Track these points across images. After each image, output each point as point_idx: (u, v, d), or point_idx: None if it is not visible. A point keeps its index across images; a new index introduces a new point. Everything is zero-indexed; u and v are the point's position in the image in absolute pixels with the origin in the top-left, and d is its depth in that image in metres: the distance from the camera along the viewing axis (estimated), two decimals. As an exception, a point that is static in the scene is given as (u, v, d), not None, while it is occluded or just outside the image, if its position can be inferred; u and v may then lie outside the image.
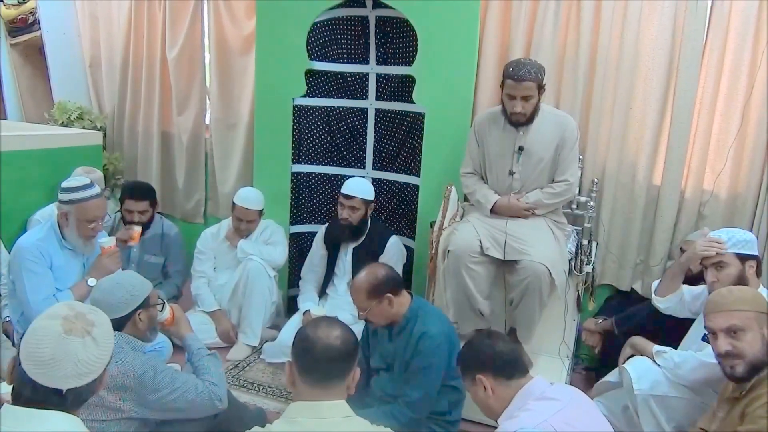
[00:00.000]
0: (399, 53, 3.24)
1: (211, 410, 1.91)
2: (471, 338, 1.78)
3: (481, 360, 1.64)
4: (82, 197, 2.43)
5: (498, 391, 1.60)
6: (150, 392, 1.74)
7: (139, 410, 1.74)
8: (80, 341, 1.24)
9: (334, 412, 1.36)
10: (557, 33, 2.92)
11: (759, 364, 1.63)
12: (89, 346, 1.25)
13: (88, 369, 1.24)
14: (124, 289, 1.88)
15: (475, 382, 1.63)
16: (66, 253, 2.50)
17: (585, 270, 2.69)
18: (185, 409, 1.83)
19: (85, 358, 1.23)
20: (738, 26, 2.66)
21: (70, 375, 1.21)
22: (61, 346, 1.21)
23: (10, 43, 4.21)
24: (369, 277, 2.09)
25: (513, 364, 1.62)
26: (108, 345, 1.31)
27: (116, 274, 2.29)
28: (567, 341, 2.65)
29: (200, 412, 1.89)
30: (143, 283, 1.96)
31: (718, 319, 1.69)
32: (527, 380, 1.61)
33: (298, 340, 1.42)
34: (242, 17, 3.61)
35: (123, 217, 3.10)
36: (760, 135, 2.69)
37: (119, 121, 4.19)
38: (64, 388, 1.21)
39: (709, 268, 2.15)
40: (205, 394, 1.86)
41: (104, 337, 1.30)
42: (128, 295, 1.87)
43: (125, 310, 1.86)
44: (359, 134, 3.46)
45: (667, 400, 2.04)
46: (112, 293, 1.86)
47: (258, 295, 3.06)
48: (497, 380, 1.60)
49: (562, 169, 2.54)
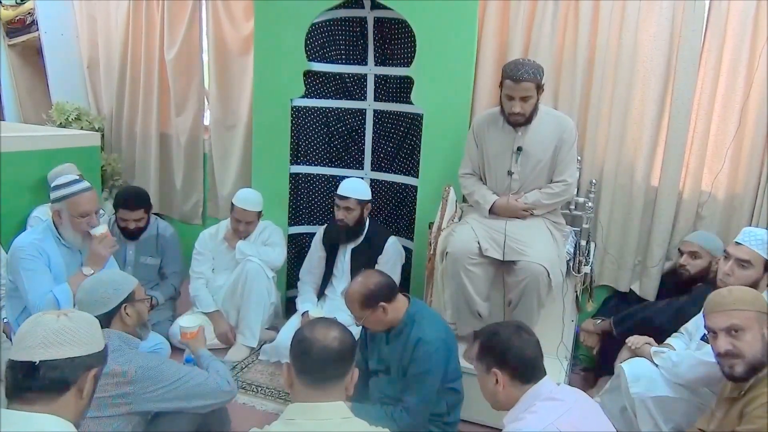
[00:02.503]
0: (397, 54, 3.24)
1: (219, 397, 1.90)
2: (500, 327, 1.68)
3: (504, 356, 1.58)
4: (71, 192, 2.44)
5: (509, 389, 1.58)
6: (152, 384, 1.74)
7: (140, 404, 1.74)
8: (54, 318, 1.28)
9: (333, 413, 1.36)
10: (555, 34, 2.92)
11: (758, 364, 1.63)
12: (62, 321, 1.28)
13: (57, 338, 1.24)
14: (106, 285, 1.90)
15: (489, 372, 1.60)
16: (63, 250, 2.50)
17: (583, 271, 2.69)
18: (194, 396, 1.83)
19: (56, 327, 1.25)
20: (736, 27, 2.66)
21: (39, 344, 1.23)
22: (36, 321, 1.27)
23: (8, 44, 4.21)
24: (361, 288, 2.08)
25: (533, 370, 1.58)
26: (83, 323, 1.31)
27: (98, 273, 2.31)
28: (565, 342, 2.65)
29: (209, 398, 1.88)
30: (126, 279, 1.97)
31: (718, 318, 1.69)
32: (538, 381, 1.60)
33: (296, 341, 1.42)
34: (241, 18, 3.61)
35: (118, 224, 3.09)
36: (758, 135, 2.69)
37: (117, 122, 4.19)
38: (36, 359, 1.21)
39: (729, 263, 2.15)
40: (210, 380, 1.88)
41: (80, 317, 1.33)
42: (111, 290, 1.88)
43: (109, 305, 1.87)
44: (358, 135, 3.46)
45: (665, 400, 2.04)
46: (95, 290, 1.88)
47: (256, 296, 3.05)
48: (512, 380, 1.57)
49: (561, 169, 2.54)
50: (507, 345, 1.59)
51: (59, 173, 2.96)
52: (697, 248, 2.66)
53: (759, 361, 1.63)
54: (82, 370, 1.27)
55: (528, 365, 1.58)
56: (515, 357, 1.57)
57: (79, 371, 1.26)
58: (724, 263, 2.19)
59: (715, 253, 2.62)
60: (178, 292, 3.34)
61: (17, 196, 3.01)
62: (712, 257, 2.62)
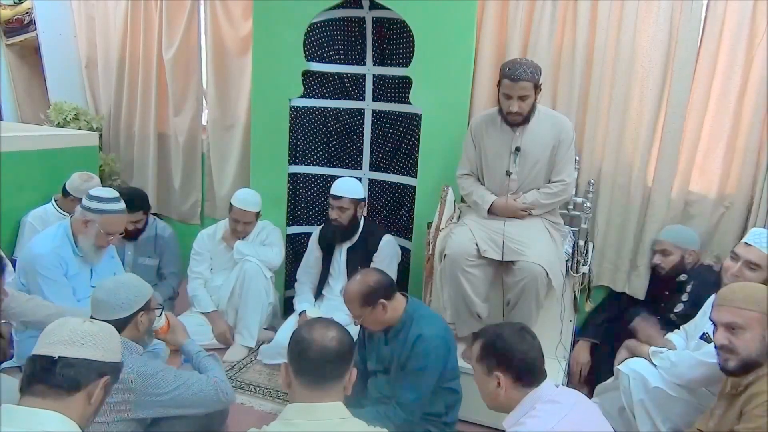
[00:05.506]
0: (396, 54, 3.24)
1: (218, 405, 1.91)
2: (504, 329, 1.65)
3: (507, 359, 1.57)
4: (111, 209, 2.42)
5: (510, 392, 1.57)
6: (153, 391, 1.74)
7: (140, 410, 1.74)
8: (80, 321, 1.36)
9: (331, 413, 1.36)
10: (554, 34, 2.92)
11: (752, 363, 1.63)
12: (87, 325, 1.35)
13: (81, 339, 1.30)
14: (128, 289, 1.87)
15: (490, 374, 1.59)
16: (77, 260, 2.47)
17: (581, 271, 2.70)
18: (192, 405, 1.84)
19: (81, 329, 1.33)
20: (733, 27, 2.66)
21: (63, 341, 1.29)
22: (63, 321, 1.35)
23: (6, 43, 4.20)
24: (360, 286, 2.08)
25: (535, 374, 1.58)
26: (106, 332, 1.38)
27: (120, 275, 2.28)
28: (564, 342, 2.65)
29: (207, 406, 1.89)
30: (145, 286, 1.95)
31: (721, 313, 1.69)
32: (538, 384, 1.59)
33: (294, 341, 1.41)
34: (239, 18, 3.61)
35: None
36: (751, 136, 2.69)
37: (115, 122, 4.18)
38: (56, 354, 1.26)
39: (738, 265, 2.11)
40: (210, 388, 1.88)
41: (105, 326, 1.40)
42: (132, 296, 1.86)
43: (128, 310, 1.85)
44: (356, 135, 3.46)
45: (664, 401, 2.04)
46: (117, 293, 1.84)
47: (254, 296, 3.05)
48: (515, 383, 1.56)
49: (559, 169, 2.55)
50: (511, 348, 1.58)
51: (88, 181, 2.97)
52: (666, 246, 2.72)
53: (753, 361, 1.62)
54: (96, 376, 1.31)
55: (531, 369, 1.57)
56: (519, 360, 1.56)
57: (93, 375, 1.30)
58: (733, 264, 2.14)
59: (685, 245, 2.68)
60: (176, 293, 3.33)
61: (15, 196, 3.01)
62: (683, 251, 2.68)
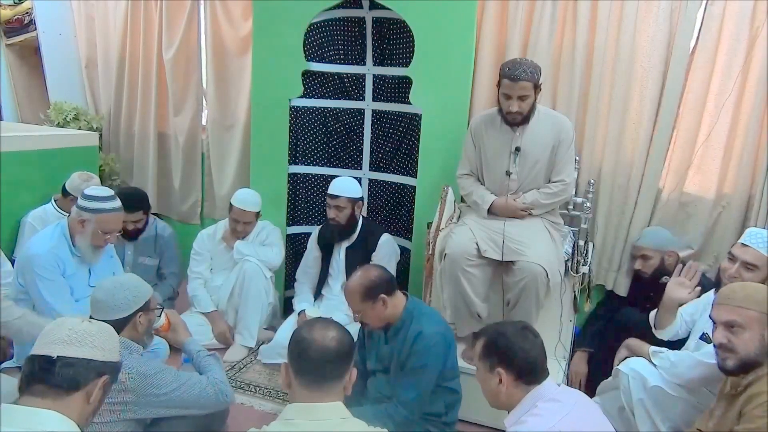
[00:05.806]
0: (396, 54, 3.24)
1: (217, 405, 1.91)
2: (507, 327, 1.66)
3: (509, 357, 1.57)
4: (106, 208, 2.42)
5: (511, 390, 1.57)
6: (153, 391, 1.74)
7: (140, 410, 1.74)
8: (79, 321, 1.36)
9: (331, 413, 1.36)
10: (554, 34, 2.92)
11: (751, 362, 1.62)
12: (86, 325, 1.36)
13: (80, 339, 1.30)
14: (127, 289, 1.87)
15: (492, 371, 1.59)
16: (75, 260, 2.47)
17: (581, 271, 2.70)
18: (191, 405, 1.84)
19: (80, 329, 1.33)
20: (731, 27, 2.66)
21: (62, 341, 1.29)
22: (62, 321, 1.36)
23: (6, 43, 4.20)
24: (362, 280, 2.08)
25: (537, 372, 1.58)
26: (105, 332, 1.38)
27: (119, 275, 2.28)
28: (563, 342, 2.65)
29: (206, 407, 1.89)
30: (145, 286, 1.95)
31: (721, 311, 1.69)
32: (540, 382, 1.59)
33: (294, 341, 1.41)
34: (239, 18, 3.61)
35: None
36: (749, 136, 2.69)
37: (115, 121, 4.18)
38: (55, 354, 1.27)
39: (736, 266, 2.10)
40: (210, 389, 1.88)
41: (103, 327, 1.40)
42: (131, 296, 1.86)
43: (127, 310, 1.85)
44: (356, 135, 3.46)
45: (663, 400, 2.04)
46: (115, 294, 1.85)
47: (254, 296, 3.05)
48: (516, 381, 1.57)
49: (558, 169, 2.55)
50: (513, 345, 1.58)
51: (87, 180, 2.97)
52: (645, 251, 2.75)
53: (752, 360, 1.62)
54: (95, 375, 1.31)
55: (533, 367, 1.58)
56: (521, 358, 1.57)
57: (92, 375, 1.30)
58: (730, 265, 2.13)
59: (663, 247, 2.71)
60: (176, 293, 3.33)
61: (15, 196, 3.01)
62: (662, 253, 2.71)
